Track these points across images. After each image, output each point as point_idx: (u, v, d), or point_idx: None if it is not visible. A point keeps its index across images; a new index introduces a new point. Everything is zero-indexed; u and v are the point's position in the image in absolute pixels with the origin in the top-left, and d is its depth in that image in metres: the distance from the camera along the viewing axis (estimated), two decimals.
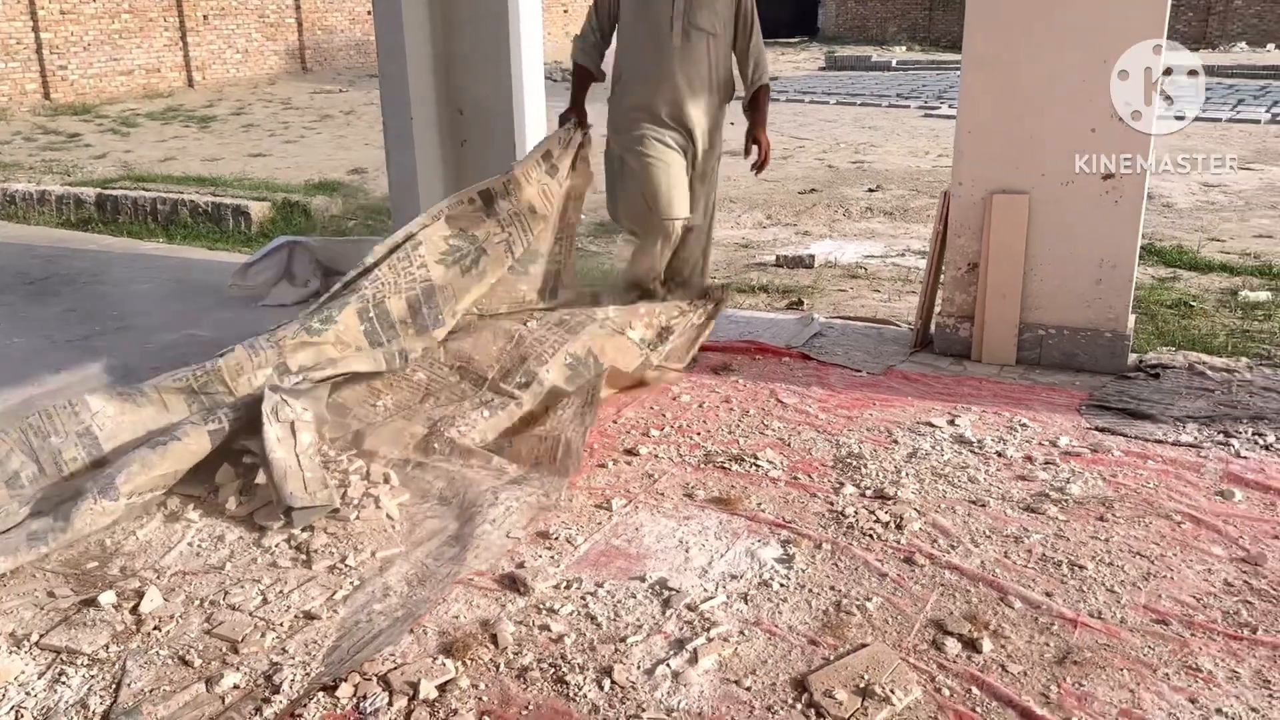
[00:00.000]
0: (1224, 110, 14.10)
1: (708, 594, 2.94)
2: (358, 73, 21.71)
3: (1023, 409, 4.25)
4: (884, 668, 2.56)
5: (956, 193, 4.73)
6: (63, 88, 17.15)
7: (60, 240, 8.00)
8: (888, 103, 16.64)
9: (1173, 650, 2.66)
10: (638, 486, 3.63)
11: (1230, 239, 7.73)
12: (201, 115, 16.19)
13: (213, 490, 3.53)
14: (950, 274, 4.85)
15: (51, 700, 2.54)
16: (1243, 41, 26.45)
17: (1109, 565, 3.06)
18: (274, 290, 6.15)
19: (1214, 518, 3.33)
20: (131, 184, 9.85)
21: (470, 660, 2.65)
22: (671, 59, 4.47)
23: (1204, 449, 3.85)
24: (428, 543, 3.24)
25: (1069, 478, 3.63)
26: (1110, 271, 4.54)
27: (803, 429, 4.10)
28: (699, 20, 4.43)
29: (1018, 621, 2.79)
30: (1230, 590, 2.93)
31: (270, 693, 2.53)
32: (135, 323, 5.72)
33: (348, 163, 11.78)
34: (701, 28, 4.45)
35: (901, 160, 11.50)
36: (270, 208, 8.67)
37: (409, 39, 5.57)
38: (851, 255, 7.47)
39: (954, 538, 3.23)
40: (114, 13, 17.92)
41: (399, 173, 5.84)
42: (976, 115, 4.61)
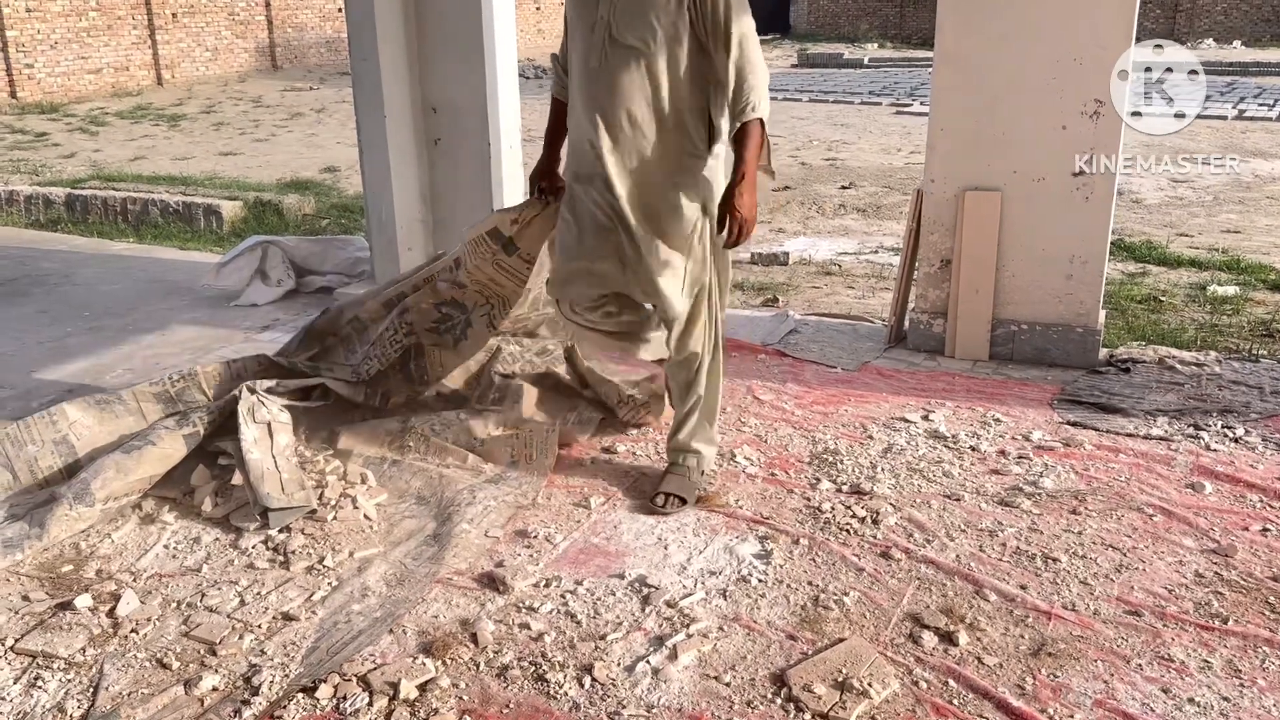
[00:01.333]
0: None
1: (687, 590, 2.95)
2: (329, 70, 21.59)
3: (996, 404, 4.29)
4: (862, 661, 2.59)
5: (929, 190, 4.77)
6: (29, 86, 16.93)
7: (29, 241, 7.90)
8: (860, 100, 16.73)
9: (1146, 641, 2.69)
10: (616, 484, 3.64)
11: (1199, 234, 7.83)
12: (171, 114, 16.04)
13: (188, 492, 3.50)
14: (923, 270, 4.89)
15: (28, 705, 2.51)
16: (1210, 39, 26.78)
17: (1082, 558, 3.10)
18: (247, 290, 6.11)
19: (1185, 510, 3.37)
20: (101, 184, 9.75)
21: (450, 659, 2.65)
22: (593, 86, 3.18)
23: (1174, 442, 3.90)
24: (406, 542, 3.24)
25: (1042, 472, 3.67)
26: (1081, 267, 4.59)
27: (779, 425, 4.12)
28: (625, 33, 3.07)
29: (993, 614, 2.82)
30: (1201, 581, 2.97)
31: (249, 694, 2.52)
32: (107, 323, 5.67)
33: (320, 161, 11.71)
34: (628, 43, 3.08)
35: (874, 157, 11.56)
36: (242, 207, 8.60)
37: (381, 37, 5.55)
38: (825, 252, 7.51)
39: (929, 532, 3.26)
40: (81, 10, 17.72)
41: (372, 171, 5.82)
42: (948, 112, 4.65)
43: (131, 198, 8.69)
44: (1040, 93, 4.45)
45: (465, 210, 5.93)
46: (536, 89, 18.75)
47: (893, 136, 13.06)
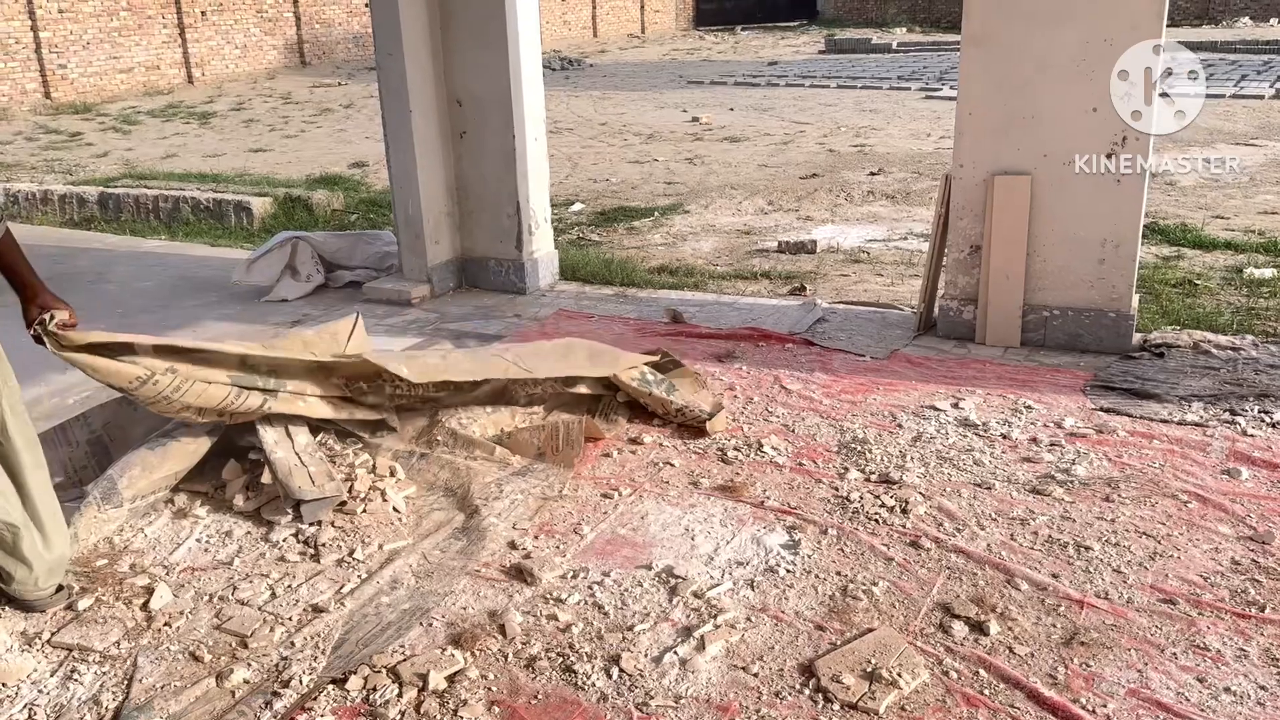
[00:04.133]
0: (1227, 86, 14.01)
1: (714, 581, 2.94)
2: (356, 66, 21.67)
3: (1027, 391, 4.24)
4: (891, 651, 2.57)
5: (958, 175, 4.71)
6: (63, 86, 17.13)
7: (64, 239, 8.01)
8: (888, 85, 16.57)
9: (1180, 629, 2.66)
10: (643, 475, 3.63)
11: (1235, 216, 7.69)
12: (202, 111, 16.18)
13: (219, 486, 3.54)
14: (953, 257, 4.84)
15: (64, 697, 2.55)
16: (1246, 16, 26.28)
17: (1115, 546, 3.06)
18: (277, 285, 6.16)
19: (1221, 496, 3.32)
20: (133, 182, 9.86)
21: (479, 651, 2.66)
22: None
23: (1210, 428, 3.84)
24: (434, 535, 3.25)
25: (1074, 459, 3.63)
26: (1113, 251, 4.53)
27: (807, 415, 4.10)
28: None
29: (1024, 603, 2.79)
30: (1238, 569, 2.93)
31: (280, 687, 2.54)
32: (140, 320, 5.73)
33: (348, 156, 11.77)
34: None
35: (903, 143, 11.46)
36: (272, 203, 8.67)
37: (406, 32, 5.57)
38: (854, 240, 7.45)
39: (960, 521, 3.23)
40: (112, 10, 17.89)
41: (399, 165, 5.84)
42: (977, 96, 4.59)
43: (163, 195, 8.77)
44: (1070, 75, 4.39)
45: (492, 203, 5.94)
46: (561, 80, 18.76)
47: (922, 122, 12.93)
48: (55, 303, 2.97)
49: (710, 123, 13.38)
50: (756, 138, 12.03)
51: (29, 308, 2.94)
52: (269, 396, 3.43)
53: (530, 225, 5.98)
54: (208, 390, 3.31)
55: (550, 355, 4.01)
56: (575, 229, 8.09)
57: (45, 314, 2.94)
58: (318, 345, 3.74)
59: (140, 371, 3.19)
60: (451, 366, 3.80)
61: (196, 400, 3.30)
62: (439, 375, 3.69)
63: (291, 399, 3.49)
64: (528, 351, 4.02)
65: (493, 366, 3.85)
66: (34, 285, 2.94)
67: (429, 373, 3.67)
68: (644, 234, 7.87)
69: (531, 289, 6.05)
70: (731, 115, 14.13)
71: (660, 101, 15.93)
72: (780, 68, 20.26)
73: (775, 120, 13.46)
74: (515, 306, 5.80)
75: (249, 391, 3.39)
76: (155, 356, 3.23)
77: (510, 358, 3.91)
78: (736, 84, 17.94)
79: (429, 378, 3.65)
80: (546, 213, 6.18)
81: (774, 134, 12.24)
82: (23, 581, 2.84)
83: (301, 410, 3.51)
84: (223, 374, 3.37)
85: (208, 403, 3.33)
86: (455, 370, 3.78)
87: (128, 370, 3.17)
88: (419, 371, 3.64)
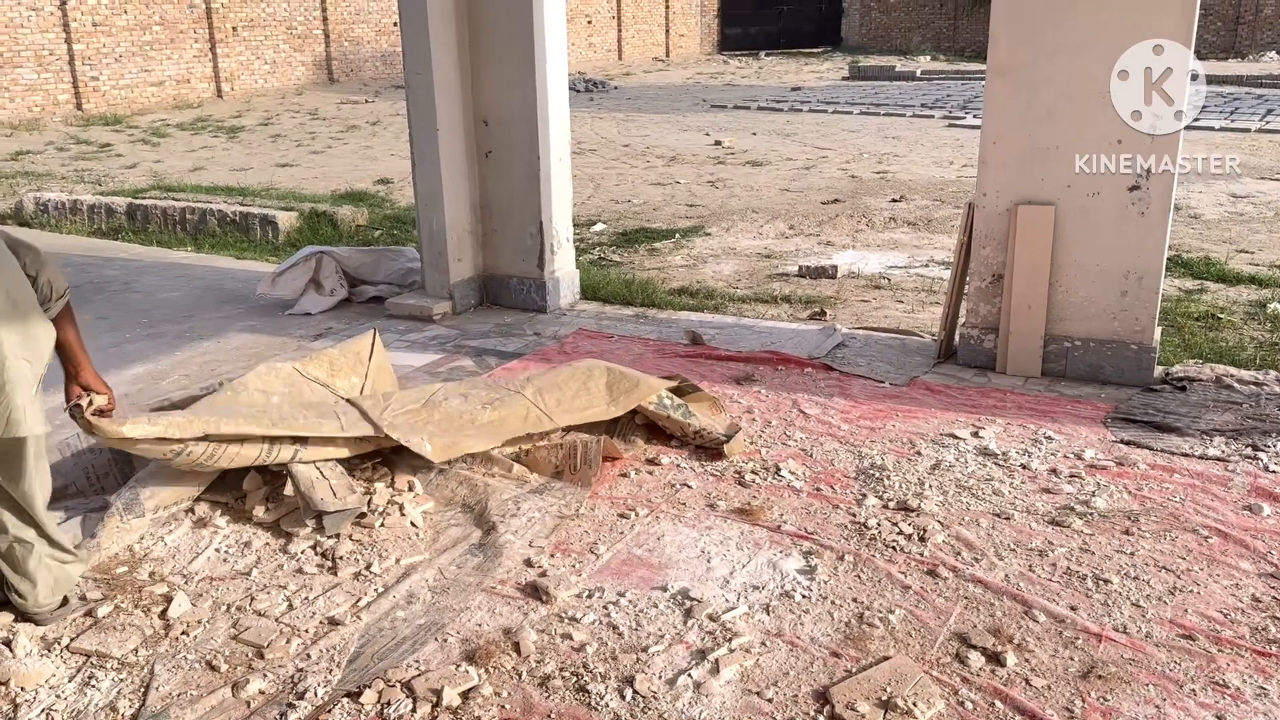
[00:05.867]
0: (1253, 120, 13.97)
1: (729, 604, 2.94)
2: (384, 84, 21.89)
3: (1048, 421, 4.23)
4: (907, 680, 2.56)
5: (981, 203, 4.72)
6: (94, 98, 17.37)
7: (92, 249, 8.10)
8: (912, 113, 16.60)
9: (1199, 666, 2.63)
10: (660, 496, 3.64)
11: (1259, 250, 7.65)
12: (230, 125, 16.36)
13: (240, 497, 3.57)
14: (975, 285, 4.83)
15: (81, 703, 2.57)
16: (1272, 51, 26.21)
17: (1134, 579, 3.04)
18: (301, 299, 6.21)
19: (1242, 532, 3.30)
20: (161, 193, 9.97)
21: (493, 668, 2.66)
22: None
23: (1231, 463, 3.81)
24: (451, 550, 3.27)
25: (1094, 491, 3.61)
26: (1136, 283, 4.51)
27: (825, 440, 4.09)
28: None
29: (1042, 635, 2.77)
30: (1258, 606, 2.90)
31: (295, 699, 2.55)
32: (165, 330, 5.79)
33: (374, 173, 11.87)
34: None
35: (925, 170, 11.46)
36: (297, 217, 8.74)
37: (436, 52, 5.63)
38: (875, 266, 7.45)
39: (978, 550, 3.22)
40: (145, 25, 18.15)
41: (425, 183, 5.89)
42: (1001, 125, 4.60)
43: (190, 207, 8.87)
44: (1095, 105, 4.39)
45: (515, 221, 5.98)
46: (586, 102, 18.87)
47: (945, 149, 12.94)
48: (97, 383, 3.04)
49: (733, 146, 13.43)
50: (779, 162, 12.06)
51: (70, 385, 3.00)
52: (300, 446, 3.53)
53: (552, 244, 6.01)
54: (241, 452, 3.44)
55: (570, 384, 4.01)
56: (596, 249, 8.12)
57: (84, 397, 3.00)
58: (342, 365, 3.88)
59: (175, 445, 3.31)
60: (470, 422, 3.80)
61: (230, 464, 3.45)
62: (460, 448, 3.72)
63: (322, 446, 3.58)
64: (548, 382, 4.02)
65: (514, 410, 3.86)
66: (80, 361, 3.00)
67: (450, 447, 3.70)
68: (665, 255, 7.90)
69: (552, 307, 6.07)
70: (754, 139, 14.18)
71: (683, 124, 16.00)
72: (804, 93, 20.33)
73: (798, 145, 13.49)
74: (535, 324, 5.82)
75: (279, 445, 3.49)
76: (189, 438, 3.33)
77: (530, 393, 3.92)
78: (759, 109, 18.01)
79: (450, 454, 3.70)
80: (569, 232, 6.21)
81: (796, 159, 12.27)
82: (25, 595, 2.86)
83: (331, 454, 3.60)
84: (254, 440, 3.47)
85: (243, 463, 3.47)
86: (477, 431, 3.79)
87: (161, 447, 3.29)
88: (440, 450, 3.67)
